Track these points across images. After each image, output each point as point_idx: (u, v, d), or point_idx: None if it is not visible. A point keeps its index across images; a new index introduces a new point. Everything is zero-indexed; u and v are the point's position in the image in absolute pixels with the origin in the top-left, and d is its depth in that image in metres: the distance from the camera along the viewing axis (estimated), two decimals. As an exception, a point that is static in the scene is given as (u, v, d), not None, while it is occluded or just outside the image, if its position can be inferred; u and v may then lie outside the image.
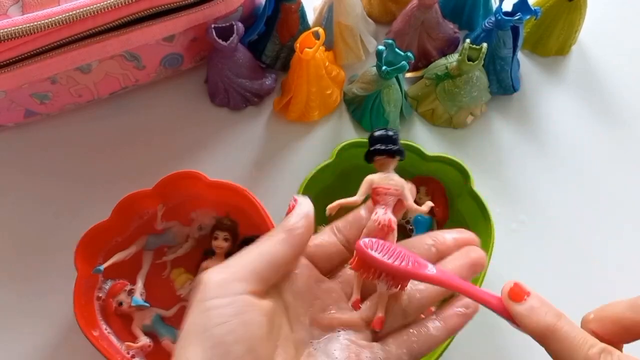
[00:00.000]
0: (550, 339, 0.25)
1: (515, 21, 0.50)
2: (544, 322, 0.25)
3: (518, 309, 0.26)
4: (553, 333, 0.25)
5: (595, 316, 0.26)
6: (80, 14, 0.43)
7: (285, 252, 0.29)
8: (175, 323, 0.47)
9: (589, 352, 0.24)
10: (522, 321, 0.25)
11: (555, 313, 0.25)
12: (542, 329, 0.25)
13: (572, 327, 0.25)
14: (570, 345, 0.24)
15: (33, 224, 0.51)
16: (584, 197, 0.54)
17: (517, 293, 0.26)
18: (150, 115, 0.55)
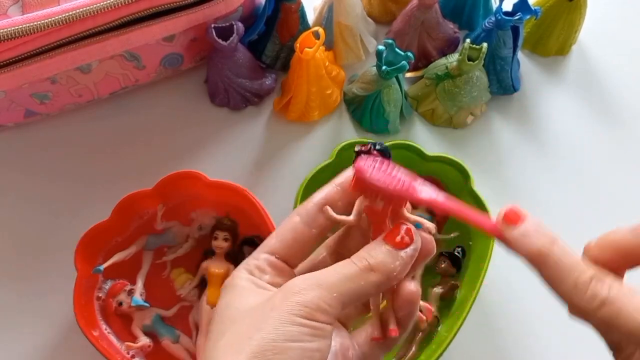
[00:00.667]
0: (542, 263, 0.24)
1: (515, 21, 0.50)
2: (536, 245, 0.24)
3: (512, 232, 0.25)
4: (545, 257, 0.24)
5: (597, 243, 0.26)
6: (80, 14, 0.43)
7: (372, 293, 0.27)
8: (175, 323, 0.47)
9: (579, 278, 0.24)
10: (515, 245, 0.25)
11: (549, 238, 0.25)
12: (534, 253, 0.24)
13: (565, 253, 0.25)
14: (561, 270, 0.24)
15: (33, 224, 0.51)
16: (584, 197, 0.54)
17: (513, 217, 0.25)
18: (150, 115, 0.55)
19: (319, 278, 0.26)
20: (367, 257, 0.27)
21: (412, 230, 0.28)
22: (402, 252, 0.27)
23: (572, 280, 0.24)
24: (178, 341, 0.46)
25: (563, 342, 0.48)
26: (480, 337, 0.48)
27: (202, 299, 0.46)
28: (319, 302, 0.25)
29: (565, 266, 0.24)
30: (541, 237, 0.25)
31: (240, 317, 0.26)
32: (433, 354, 0.42)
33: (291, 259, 0.30)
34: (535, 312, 0.49)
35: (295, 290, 0.26)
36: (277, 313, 0.25)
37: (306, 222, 0.30)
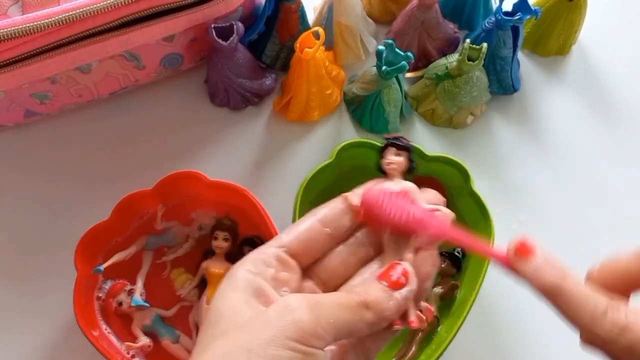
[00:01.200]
0: (556, 297, 0.25)
1: (515, 21, 0.50)
2: (549, 280, 0.25)
3: (524, 269, 0.26)
4: (559, 291, 0.25)
5: (599, 271, 0.26)
6: (80, 14, 0.43)
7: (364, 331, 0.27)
8: (175, 323, 0.47)
9: (596, 309, 0.24)
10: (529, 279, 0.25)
11: (560, 273, 0.25)
12: (547, 287, 0.25)
13: (577, 285, 0.25)
14: (576, 303, 0.24)
15: (33, 224, 0.51)
16: (584, 197, 0.54)
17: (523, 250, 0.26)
18: (150, 115, 0.55)
19: (317, 301, 0.26)
20: (363, 293, 0.27)
21: (408, 272, 0.28)
22: (396, 293, 0.27)
23: (589, 312, 0.24)
24: (178, 341, 0.46)
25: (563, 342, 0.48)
26: (480, 337, 0.48)
27: (202, 299, 0.46)
28: (316, 327, 0.25)
29: (580, 299, 0.25)
30: (552, 271, 0.25)
31: (230, 329, 0.25)
32: (433, 354, 0.42)
33: (301, 255, 0.30)
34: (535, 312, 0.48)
35: (291, 310, 0.25)
36: (270, 333, 0.24)
37: (321, 220, 0.30)
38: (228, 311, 0.26)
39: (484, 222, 0.46)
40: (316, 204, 0.40)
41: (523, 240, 0.26)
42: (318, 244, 0.30)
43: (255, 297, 0.27)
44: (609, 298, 0.25)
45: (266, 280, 0.28)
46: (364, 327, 0.26)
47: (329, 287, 0.30)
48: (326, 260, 0.30)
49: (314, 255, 0.30)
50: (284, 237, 0.30)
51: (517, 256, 0.26)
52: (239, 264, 0.28)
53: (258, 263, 0.28)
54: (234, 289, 0.27)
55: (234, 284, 0.27)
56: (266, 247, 0.29)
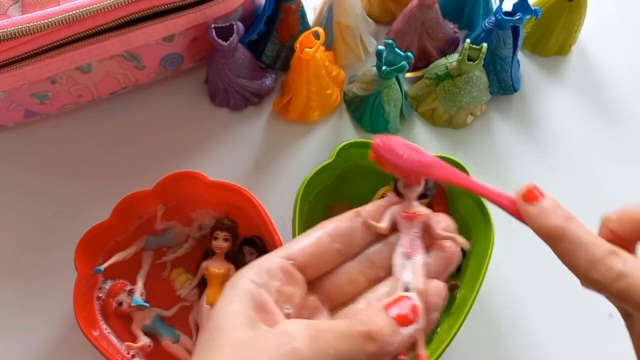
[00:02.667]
0: (559, 239, 0.25)
1: (515, 21, 0.50)
2: (554, 222, 0.25)
3: (530, 210, 0.26)
4: (562, 233, 0.25)
5: (617, 215, 0.26)
6: (80, 14, 0.43)
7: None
8: (175, 323, 0.47)
9: (596, 252, 0.24)
10: (533, 222, 0.25)
11: (567, 215, 0.25)
12: (551, 229, 0.25)
13: (583, 229, 0.25)
14: (577, 246, 0.24)
15: (33, 224, 0.51)
16: (584, 197, 0.54)
17: (531, 195, 0.26)
18: (150, 115, 0.55)
19: (318, 330, 0.25)
20: (368, 322, 0.25)
21: (417, 308, 0.26)
22: (403, 329, 0.26)
23: (589, 255, 0.24)
24: (178, 341, 0.46)
25: (562, 342, 0.48)
26: (480, 337, 0.48)
27: (202, 299, 0.46)
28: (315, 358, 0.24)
29: (582, 241, 0.24)
30: (559, 214, 0.25)
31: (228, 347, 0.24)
32: (433, 354, 0.42)
33: (308, 269, 0.29)
34: (535, 312, 0.49)
35: (291, 338, 0.24)
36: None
37: (331, 234, 0.29)
38: (227, 326, 0.25)
39: (484, 222, 0.46)
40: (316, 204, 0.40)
41: (532, 185, 0.26)
42: (326, 259, 0.29)
43: (257, 311, 0.26)
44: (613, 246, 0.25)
45: (269, 293, 0.27)
46: (364, 358, 0.25)
47: (336, 304, 0.29)
48: (334, 277, 0.29)
49: (321, 270, 0.29)
50: (292, 248, 0.29)
51: (525, 200, 0.26)
52: (243, 271, 0.27)
53: (262, 273, 0.27)
54: (235, 299, 0.26)
55: (235, 294, 0.26)
56: (272, 255, 0.28)
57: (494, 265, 0.44)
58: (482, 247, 0.45)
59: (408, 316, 0.26)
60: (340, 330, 0.25)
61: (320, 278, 0.29)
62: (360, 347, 0.25)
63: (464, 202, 0.48)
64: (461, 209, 0.48)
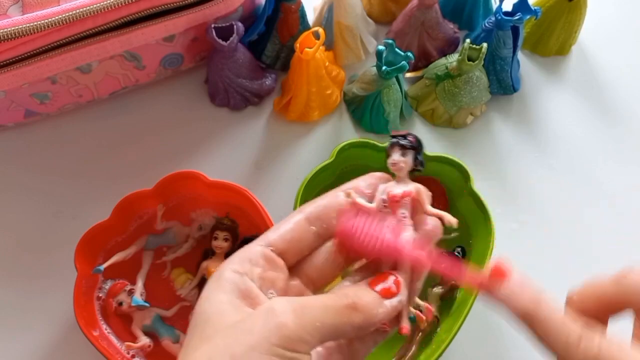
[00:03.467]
0: (530, 322, 0.25)
1: (515, 21, 0.50)
2: (523, 307, 0.25)
3: (499, 292, 0.26)
4: (533, 318, 0.25)
5: (579, 294, 0.27)
6: (80, 14, 0.43)
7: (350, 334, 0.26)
8: (175, 323, 0.47)
9: (569, 337, 0.24)
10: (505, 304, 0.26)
11: (534, 298, 0.25)
12: (522, 314, 0.25)
13: (552, 311, 0.25)
14: (550, 330, 0.25)
15: (33, 224, 0.51)
16: (584, 197, 0.54)
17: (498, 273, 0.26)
18: (151, 115, 0.55)
19: (303, 305, 0.25)
20: (353, 296, 0.26)
21: (399, 282, 0.27)
22: (387, 301, 0.27)
23: (563, 340, 0.25)
24: (178, 341, 0.46)
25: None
26: (480, 337, 0.48)
27: (202, 299, 0.46)
28: (302, 332, 0.24)
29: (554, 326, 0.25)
30: (527, 296, 0.25)
31: (215, 334, 0.25)
32: (433, 354, 0.42)
33: (288, 254, 0.29)
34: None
35: (276, 314, 0.24)
36: (255, 339, 0.24)
37: (308, 218, 0.30)
38: (213, 315, 0.26)
39: (483, 222, 0.46)
40: None
41: (498, 264, 0.26)
42: (304, 243, 0.29)
43: (242, 298, 0.26)
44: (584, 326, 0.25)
45: (253, 280, 0.27)
46: (351, 330, 0.26)
47: (318, 286, 0.30)
48: (313, 259, 0.30)
49: (300, 253, 0.30)
50: (270, 235, 0.29)
51: (493, 279, 0.26)
52: (225, 263, 0.28)
53: (244, 262, 0.28)
54: (220, 290, 0.27)
55: (219, 285, 0.27)
56: (253, 244, 0.29)
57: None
58: (482, 247, 0.45)
59: (391, 289, 0.27)
60: (325, 303, 0.26)
61: (301, 262, 0.30)
62: (346, 318, 0.25)
63: (464, 202, 0.48)
64: (461, 209, 0.48)
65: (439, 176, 0.49)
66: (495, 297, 0.26)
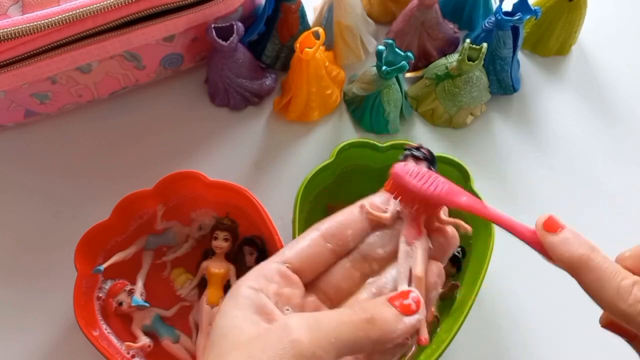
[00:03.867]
0: (583, 269, 0.25)
1: (515, 21, 0.50)
2: (577, 252, 0.25)
3: (552, 239, 0.26)
4: (586, 263, 0.25)
5: (632, 252, 0.26)
6: (80, 14, 0.43)
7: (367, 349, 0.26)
8: (175, 323, 0.47)
9: (622, 282, 0.24)
10: (556, 251, 0.25)
11: (589, 245, 0.25)
12: (575, 259, 0.25)
13: (606, 259, 0.25)
14: (602, 275, 0.24)
15: (33, 224, 0.51)
16: (584, 197, 0.54)
17: (552, 225, 0.26)
18: (151, 115, 0.55)
19: (318, 321, 0.25)
20: (371, 310, 0.26)
21: (420, 301, 0.27)
22: (406, 318, 0.26)
23: (615, 285, 0.24)
24: (178, 341, 0.46)
25: (562, 342, 0.48)
26: (480, 337, 0.48)
27: (202, 299, 0.46)
28: (316, 348, 0.24)
29: (607, 272, 0.24)
30: (582, 244, 0.25)
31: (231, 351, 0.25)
32: (433, 354, 0.42)
33: (304, 271, 0.29)
34: (535, 313, 0.49)
35: (290, 331, 0.24)
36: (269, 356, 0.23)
37: (324, 235, 0.29)
38: (230, 331, 0.26)
39: (484, 223, 0.45)
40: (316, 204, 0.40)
41: (551, 216, 0.26)
42: (320, 259, 0.29)
43: (258, 314, 0.26)
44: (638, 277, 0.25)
45: (268, 297, 0.27)
46: (368, 345, 0.25)
47: (335, 303, 0.30)
48: (329, 275, 0.30)
49: (316, 270, 0.30)
50: (286, 252, 0.29)
51: (546, 230, 0.26)
52: (241, 280, 0.28)
53: (260, 279, 0.28)
54: (236, 306, 0.27)
55: (236, 302, 0.27)
56: (269, 262, 0.29)
57: (494, 265, 0.44)
58: (482, 248, 0.45)
59: (411, 307, 0.27)
60: (341, 318, 0.25)
61: (317, 278, 0.30)
62: (362, 333, 0.25)
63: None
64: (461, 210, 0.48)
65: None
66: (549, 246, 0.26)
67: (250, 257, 0.48)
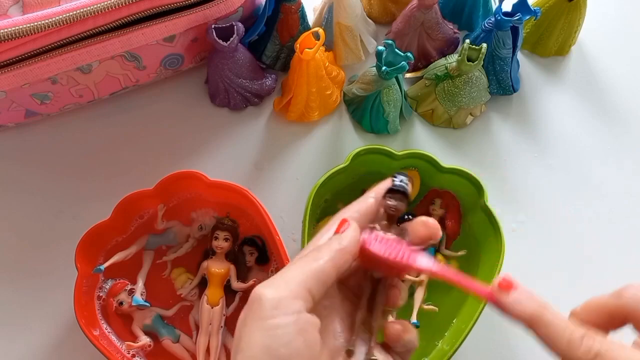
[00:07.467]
0: (536, 325, 0.27)
1: (515, 21, 0.50)
2: (529, 310, 0.27)
3: (506, 299, 0.27)
4: (539, 319, 0.27)
5: (582, 308, 0.29)
6: (80, 14, 0.43)
7: (331, 273, 0.29)
8: (175, 323, 0.47)
9: (572, 336, 0.26)
10: (510, 309, 0.27)
11: (540, 303, 0.27)
12: (528, 316, 0.27)
13: (555, 315, 0.27)
14: (554, 330, 0.26)
15: (34, 224, 0.51)
16: (583, 197, 0.54)
17: (506, 285, 0.28)
18: (151, 116, 0.55)
19: (277, 276, 0.28)
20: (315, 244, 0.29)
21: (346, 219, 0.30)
22: (343, 235, 0.29)
23: (565, 339, 0.26)
24: (178, 341, 0.46)
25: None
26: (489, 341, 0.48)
27: (202, 299, 0.46)
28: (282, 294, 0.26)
29: (558, 327, 0.26)
30: (533, 303, 0.27)
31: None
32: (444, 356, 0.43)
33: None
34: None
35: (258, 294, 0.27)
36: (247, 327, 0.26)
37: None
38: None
39: (494, 238, 0.45)
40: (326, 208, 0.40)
41: (505, 277, 0.28)
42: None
43: None
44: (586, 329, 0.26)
45: None
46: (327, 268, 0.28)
47: None
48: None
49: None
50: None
51: (500, 290, 0.28)
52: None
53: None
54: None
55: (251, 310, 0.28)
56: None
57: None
58: (491, 263, 0.45)
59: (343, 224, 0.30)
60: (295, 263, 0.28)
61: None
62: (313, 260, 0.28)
63: (477, 217, 0.47)
64: (472, 223, 0.48)
65: (453, 189, 0.49)
66: (503, 305, 0.27)
67: (251, 257, 0.48)
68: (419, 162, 0.48)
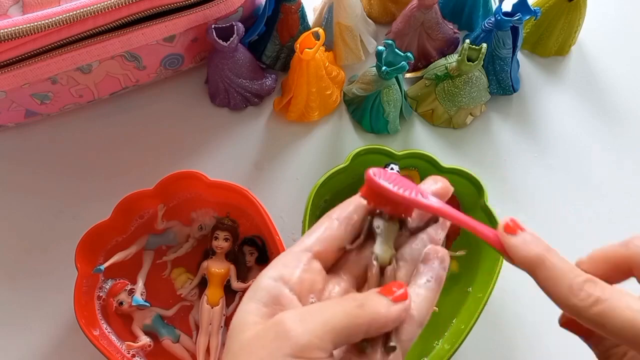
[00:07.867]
0: (539, 268, 0.26)
1: (515, 21, 0.50)
2: (534, 252, 0.26)
3: (511, 240, 0.27)
4: (542, 262, 0.26)
5: (588, 258, 0.28)
6: (80, 14, 0.43)
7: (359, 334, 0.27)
8: (175, 323, 0.47)
9: (574, 280, 0.25)
10: (514, 252, 0.27)
11: (546, 246, 0.27)
12: (531, 258, 0.26)
13: (561, 259, 0.26)
14: (556, 273, 0.26)
15: (34, 224, 0.51)
16: (583, 197, 0.54)
17: (512, 227, 0.27)
18: (151, 116, 0.55)
19: (309, 311, 0.26)
20: (361, 297, 0.27)
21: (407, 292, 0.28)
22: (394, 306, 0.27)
23: (567, 282, 0.25)
24: (178, 341, 0.46)
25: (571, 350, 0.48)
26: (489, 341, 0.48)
27: (202, 299, 0.46)
28: (311, 337, 0.25)
29: (561, 270, 0.26)
30: (539, 245, 0.26)
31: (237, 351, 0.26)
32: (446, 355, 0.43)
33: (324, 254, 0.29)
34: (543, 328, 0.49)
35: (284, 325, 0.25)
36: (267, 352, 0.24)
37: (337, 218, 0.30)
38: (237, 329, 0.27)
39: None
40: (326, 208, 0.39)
41: (512, 219, 0.28)
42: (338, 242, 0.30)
43: (272, 305, 0.27)
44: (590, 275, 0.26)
45: (289, 285, 0.28)
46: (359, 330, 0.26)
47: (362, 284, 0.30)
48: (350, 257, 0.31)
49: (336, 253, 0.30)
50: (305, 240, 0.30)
51: (506, 232, 0.27)
52: (264, 271, 0.28)
53: (279, 267, 0.28)
54: (253, 299, 0.27)
55: (254, 294, 0.27)
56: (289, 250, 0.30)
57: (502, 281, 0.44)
58: (490, 264, 0.45)
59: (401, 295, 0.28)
60: (332, 306, 0.26)
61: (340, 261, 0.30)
62: (354, 318, 0.26)
63: (476, 217, 0.47)
64: None
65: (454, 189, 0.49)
66: (508, 246, 0.27)
67: (251, 257, 0.48)
68: (419, 162, 0.48)
